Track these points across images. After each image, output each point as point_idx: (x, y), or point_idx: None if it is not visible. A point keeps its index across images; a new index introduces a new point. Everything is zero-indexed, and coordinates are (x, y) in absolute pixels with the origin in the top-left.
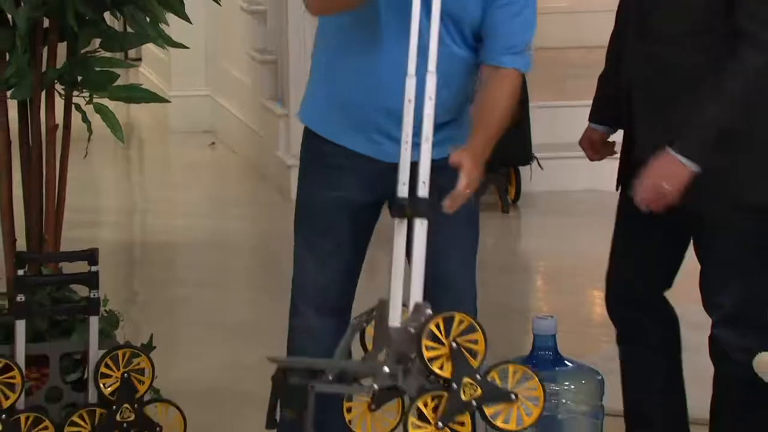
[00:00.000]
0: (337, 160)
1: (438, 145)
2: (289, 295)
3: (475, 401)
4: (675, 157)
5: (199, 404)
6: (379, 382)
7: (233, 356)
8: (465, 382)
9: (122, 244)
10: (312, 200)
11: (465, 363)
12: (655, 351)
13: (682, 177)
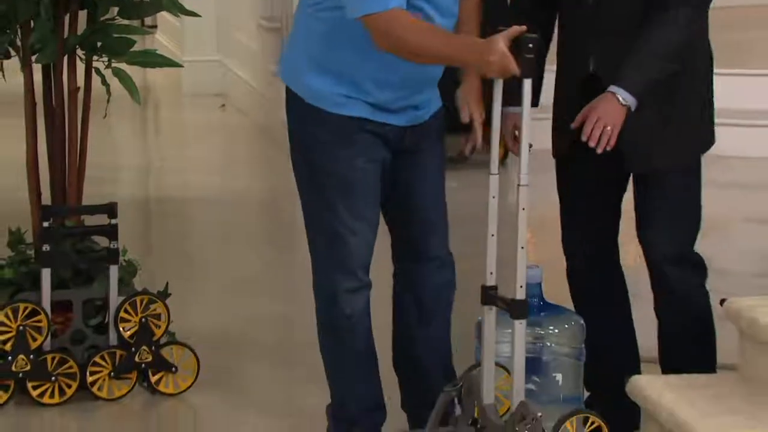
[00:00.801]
0: (363, 132)
1: (426, 105)
2: (294, 248)
3: None
4: (615, 98)
5: (212, 348)
6: None
7: (242, 305)
8: None
9: (139, 199)
10: (352, 171)
11: None
12: (608, 302)
13: (621, 115)
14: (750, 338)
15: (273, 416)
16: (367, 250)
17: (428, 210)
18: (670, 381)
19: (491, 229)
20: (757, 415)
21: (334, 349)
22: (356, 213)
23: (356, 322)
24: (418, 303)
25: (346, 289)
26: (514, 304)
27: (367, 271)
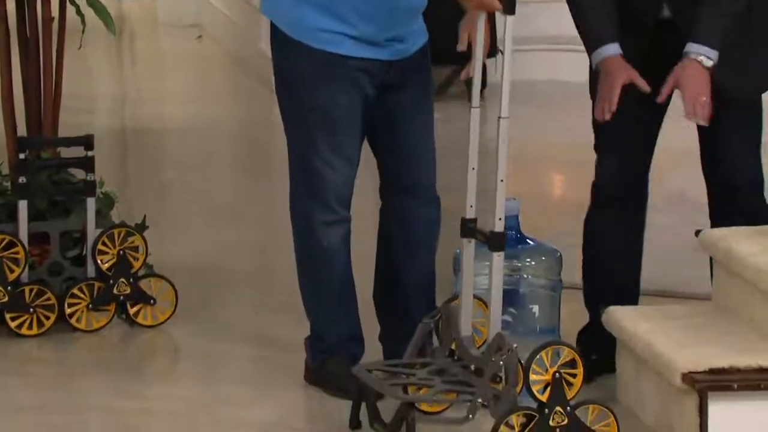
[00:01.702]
0: (346, 68)
1: (411, 38)
2: (271, 178)
3: (560, 429)
4: (698, 63)
5: (190, 279)
6: (472, 411)
7: (220, 236)
8: (557, 410)
9: (115, 129)
10: (334, 107)
11: (561, 393)
12: (627, 222)
13: (708, 81)
14: (724, 268)
15: (252, 346)
16: (345, 185)
17: (415, 145)
18: (645, 312)
19: (472, 163)
20: (731, 344)
21: (312, 280)
22: (336, 148)
23: (333, 255)
24: (406, 237)
25: (323, 222)
26: (492, 236)
27: (345, 206)
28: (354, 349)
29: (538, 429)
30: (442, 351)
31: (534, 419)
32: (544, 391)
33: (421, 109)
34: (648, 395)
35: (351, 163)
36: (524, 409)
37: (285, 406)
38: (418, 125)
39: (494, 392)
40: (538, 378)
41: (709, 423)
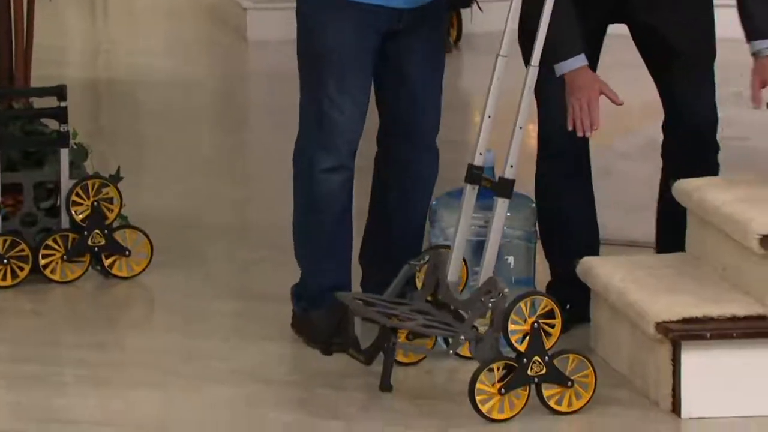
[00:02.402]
0: (358, 12)
1: None
2: (247, 130)
3: (538, 378)
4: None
5: (165, 231)
6: (454, 347)
7: (196, 188)
8: (535, 359)
9: (88, 81)
10: (342, 46)
11: (540, 343)
12: (578, 172)
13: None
14: (697, 218)
15: (230, 299)
16: (353, 131)
17: (421, 95)
18: (619, 261)
19: (489, 110)
20: (704, 294)
21: (305, 225)
22: (344, 90)
23: (330, 201)
24: (400, 184)
25: (324, 167)
26: (501, 182)
27: (350, 154)
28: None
29: (517, 378)
30: (422, 296)
31: (513, 369)
32: (522, 341)
33: (430, 58)
34: (622, 344)
35: (359, 107)
36: (503, 359)
37: (263, 357)
38: (425, 74)
39: (477, 334)
40: (516, 328)
41: (682, 371)
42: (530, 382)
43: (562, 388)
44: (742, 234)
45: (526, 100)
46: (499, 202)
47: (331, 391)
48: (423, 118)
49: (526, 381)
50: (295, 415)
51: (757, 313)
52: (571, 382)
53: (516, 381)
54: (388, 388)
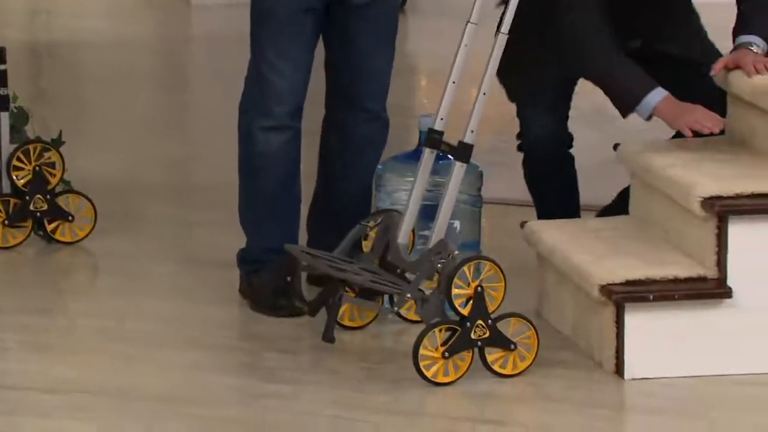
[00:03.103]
0: None
1: None
2: (188, 91)
3: (481, 342)
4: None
5: (109, 195)
6: (399, 304)
7: (139, 150)
8: (478, 323)
9: (28, 43)
10: (278, 8)
11: (483, 306)
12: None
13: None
14: (641, 181)
15: (175, 263)
16: (290, 95)
17: (368, 61)
18: (564, 225)
19: (454, 76)
20: (647, 256)
21: (245, 186)
22: (281, 52)
23: (271, 162)
24: (344, 151)
25: (262, 127)
26: (460, 146)
27: (290, 114)
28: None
29: (460, 342)
30: (370, 257)
31: (456, 332)
32: (466, 304)
33: (378, 24)
34: (567, 307)
35: (299, 70)
36: (447, 322)
37: (208, 322)
38: (372, 40)
39: (423, 295)
40: (460, 292)
41: (625, 333)
42: (473, 345)
43: (506, 351)
44: (685, 197)
45: (491, 67)
46: (457, 166)
47: (278, 355)
48: (367, 85)
49: (469, 345)
50: (241, 379)
51: (698, 274)
52: (514, 345)
53: (459, 345)
54: (331, 340)
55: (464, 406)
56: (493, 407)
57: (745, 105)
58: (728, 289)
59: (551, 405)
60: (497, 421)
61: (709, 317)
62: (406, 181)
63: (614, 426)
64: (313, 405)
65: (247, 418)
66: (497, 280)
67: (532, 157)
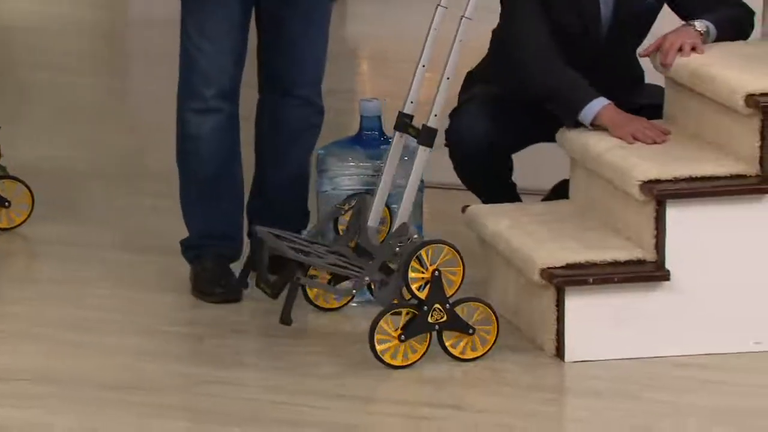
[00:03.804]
0: None
1: None
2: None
3: (438, 325)
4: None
5: (46, 180)
6: (357, 287)
7: (77, 135)
8: (435, 306)
9: None
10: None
11: (440, 290)
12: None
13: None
14: (581, 166)
15: (116, 250)
16: (221, 74)
17: (299, 47)
18: (506, 209)
19: (423, 60)
20: (587, 240)
21: (180, 170)
22: (206, 33)
23: (202, 145)
24: (277, 137)
25: (192, 109)
26: (424, 130)
27: (221, 96)
28: (223, 250)
29: (418, 325)
30: (344, 239)
31: (414, 316)
32: (423, 288)
33: (308, 9)
34: (508, 291)
35: (224, 53)
36: (404, 305)
37: (153, 308)
38: (302, 25)
39: (382, 278)
40: (418, 275)
41: (566, 316)
42: (431, 329)
43: (464, 335)
44: (623, 180)
45: (455, 51)
46: (421, 150)
47: (224, 341)
48: (299, 72)
49: (426, 328)
50: (186, 366)
51: (637, 257)
52: (472, 329)
53: (416, 328)
54: (288, 322)
55: (404, 390)
56: (436, 392)
57: (681, 88)
58: (666, 272)
59: (492, 388)
60: (435, 405)
61: (648, 300)
62: (348, 165)
63: (555, 409)
64: (260, 391)
65: (192, 404)
66: (456, 264)
67: (463, 165)
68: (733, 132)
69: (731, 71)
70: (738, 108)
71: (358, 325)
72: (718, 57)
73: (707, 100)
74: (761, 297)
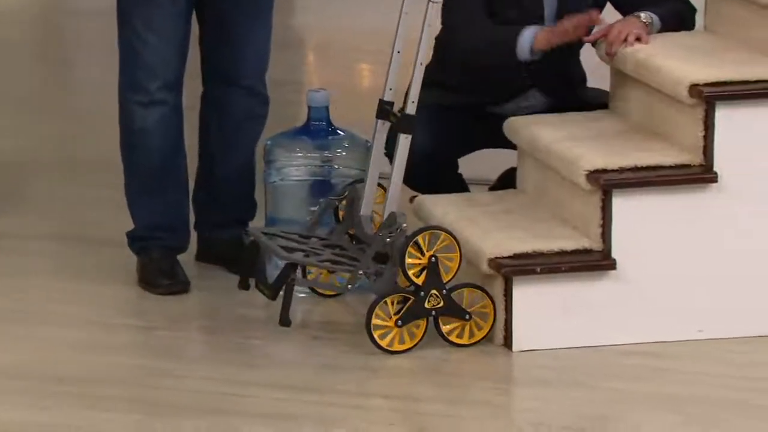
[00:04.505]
0: None
1: None
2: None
3: (435, 311)
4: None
5: None
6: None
7: (21, 126)
8: (432, 292)
9: None
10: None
11: (437, 276)
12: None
13: (644, 27)
14: (529, 156)
15: (62, 241)
16: (165, 66)
17: (243, 38)
18: (454, 200)
19: (397, 46)
20: (535, 230)
21: (125, 162)
22: (149, 24)
23: (147, 137)
24: (222, 128)
25: (136, 102)
26: (403, 117)
27: (166, 88)
28: (168, 241)
29: (414, 311)
30: (342, 230)
31: (410, 302)
32: (420, 274)
33: (253, 1)
34: (458, 281)
35: (169, 43)
36: (400, 292)
37: (100, 300)
38: (245, 16)
39: (377, 268)
40: (414, 261)
41: (514, 306)
42: (428, 315)
43: (461, 321)
44: (570, 171)
45: (425, 35)
46: (402, 138)
47: (170, 333)
48: (243, 63)
49: (423, 314)
50: (131, 357)
51: (583, 247)
52: (469, 315)
53: (413, 313)
54: (287, 323)
55: (354, 380)
56: (385, 382)
57: (626, 78)
58: (613, 261)
59: (441, 378)
60: (384, 396)
61: (595, 289)
62: (296, 156)
63: (505, 398)
64: (205, 383)
65: (137, 396)
66: (453, 251)
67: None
68: (678, 122)
69: (675, 62)
70: (682, 98)
71: (305, 315)
72: (662, 47)
73: (652, 91)
74: (705, 286)
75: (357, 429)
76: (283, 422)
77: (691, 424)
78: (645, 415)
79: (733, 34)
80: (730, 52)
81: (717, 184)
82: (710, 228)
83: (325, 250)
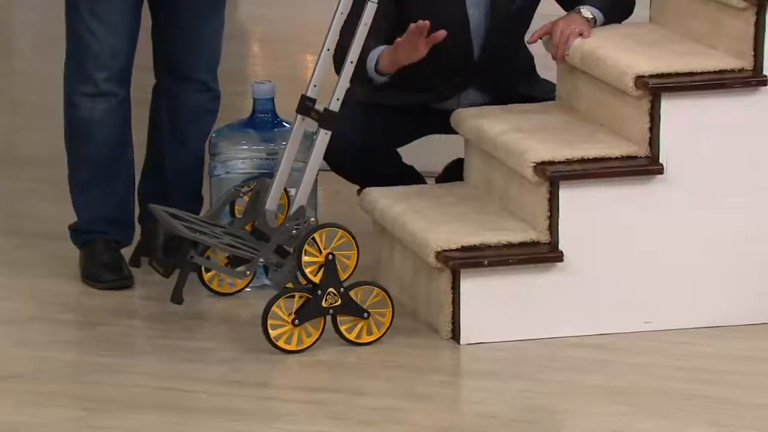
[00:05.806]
0: None
1: None
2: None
3: (333, 310)
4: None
5: None
6: (250, 268)
7: None
8: (329, 291)
9: None
10: None
11: (334, 274)
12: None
13: (587, 24)
14: (476, 148)
15: (1, 235)
16: (113, 57)
17: (195, 32)
18: (401, 192)
19: (328, 44)
20: (482, 223)
21: (69, 153)
22: (96, 13)
23: (93, 129)
24: (173, 122)
25: (83, 93)
26: (325, 113)
27: (113, 80)
28: (113, 234)
29: (311, 310)
30: (241, 222)
31: (308, 300)
32: (317, 272)
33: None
34: (404, 274)
35: (117, 34)
36: (297, 291)
37: (39, 295)
38: (197, 9)
39: (277, 260)
40: (311, 259)
41: (461, 298)
42: (325, 313)
43: (359, 319)
44: (517, 162)
45: (359, 34)
46: (321, 134)
47: (111, 328)
48: (195, 57)
49: (320, 312)
50: (72, 353)
51: (531, 239)
52: (367, 313)
53: (310, 312)
54: (179, 301)
55: (299, 374)
56: (330, 376)
57: (572, 69)
58: (560, 253)
59: (387, 372)
60: (331, 390)
61: (542, 281)
62: (241, 149)
63: (451, 391)
64: (146, 378)
65: (77, 392)
66: (350, 248)
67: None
68: (624, 114)
69: (621, 53)
70: (628, 90)
71: (252, 309)
72: (609, 39)
73: (599, 82)
74: (651, 277)
75: (303, 423)
76: (228, 417)
77: (637, 414)
78: (592, 407)
79: (678, 25)
80: (675, 44)
81: (663, 176)
82: (657, 219)
83: (225, 237)
